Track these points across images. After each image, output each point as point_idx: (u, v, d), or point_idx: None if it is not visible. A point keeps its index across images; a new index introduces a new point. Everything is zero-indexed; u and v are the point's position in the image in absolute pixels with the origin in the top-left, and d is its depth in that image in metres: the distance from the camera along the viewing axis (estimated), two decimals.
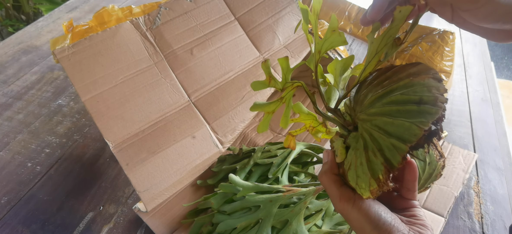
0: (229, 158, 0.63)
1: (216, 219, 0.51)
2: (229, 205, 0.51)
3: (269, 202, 0.47)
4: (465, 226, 0.61)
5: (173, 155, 0.59)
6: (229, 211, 0.50)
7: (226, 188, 0.52)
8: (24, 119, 0.85)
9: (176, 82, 0.64)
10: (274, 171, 0.58)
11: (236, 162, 0.62)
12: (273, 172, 0.57)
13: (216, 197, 0.53)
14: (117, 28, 0.61)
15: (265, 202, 0.47)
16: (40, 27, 1.18)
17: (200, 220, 0.55)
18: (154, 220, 0.59)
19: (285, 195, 0.47)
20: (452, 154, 0.70)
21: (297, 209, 0.47)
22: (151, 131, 0.59)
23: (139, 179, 0.56)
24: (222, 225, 0.50)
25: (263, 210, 0.47)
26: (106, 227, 0.62)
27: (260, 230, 0.47)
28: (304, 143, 0.62)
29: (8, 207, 0.66)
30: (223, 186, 0.52)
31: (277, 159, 0.59)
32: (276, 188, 0.49)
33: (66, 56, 0.57)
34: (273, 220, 0.47)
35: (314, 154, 0.62)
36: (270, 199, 0.47)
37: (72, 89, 0.93)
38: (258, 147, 0.63)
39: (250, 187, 0.50)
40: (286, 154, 0.60)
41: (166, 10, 0.66)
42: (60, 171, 0.72)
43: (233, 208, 0.50)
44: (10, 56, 1.04)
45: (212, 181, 0.61)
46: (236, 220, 0.49)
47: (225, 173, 0.61)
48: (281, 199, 0.47)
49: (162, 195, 0.57)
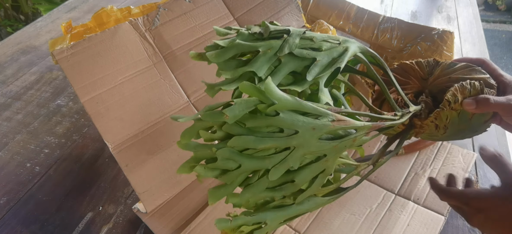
0: (246, 36, 0.41)
1: (230, 128, 0.35)
2: (253, 118, 0.34)
3: (311, 129, 0.35)
4: (464, 226, 0.62)
5: (173, 156, 0.59)
6: (250, 125, 0.34)
7: (252, 90, 0.34)
8: (23, 119, 0.84)
9: (176, 83, 0.64)
10: (316, 72, 0.39)
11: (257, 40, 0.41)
12: (314, 73, 0.39)
13: (235, 107, 0.33)
14: (116, 29, 0.61)
15: (306, 128, 0.35)
16: (39, 27, 1.18)
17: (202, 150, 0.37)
18: (153, 220, 0.59)
19: (333, 126, 0.36)
20: (451, 153, 0.70)
21: (342, 146, 0.37)
22: (150, 132, 0.59)
23: (139, 180, 0.56)
24: (237, 140, 0.34)
25: (299, 138, 0.35)
26: (105, 227, 0.62)
27: (286, 159, 0.35)
28: (362, 46, 0.43)
29: (7, 208, 0.66)
30: (247, 86, 0.34)
31: (323, 55, 0.40)
32: (323, 112, 0.35)
33: (65, 57, 0.56)
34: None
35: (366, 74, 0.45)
36: (313, 126, 0.35)
37: (71, 90, 0.93)
38: (294, 28, 0.41)
39: (290, 103, 0.34)
40: (340, 50, 0.40)
41: (165, 10, 0.66)
42: (59, 171, 0.72)
43: (257, 123, 0.34)
44: (9, 57, 1.04)
45: (215, 57, 0.40)
46: (258, 139, 0.34)
47: (238, 52, 0.40)
48: (327, 129, 0.35)
49: (162, 196, 0.57)
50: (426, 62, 0.50)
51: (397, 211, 0.59)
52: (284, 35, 0.40)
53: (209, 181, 0.63)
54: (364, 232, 0.56)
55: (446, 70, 0.47)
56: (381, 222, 0.58)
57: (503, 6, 3.50)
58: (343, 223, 0.58)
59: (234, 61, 0.40)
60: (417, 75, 0.50)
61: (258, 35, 0.40)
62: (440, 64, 0.48)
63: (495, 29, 3.28)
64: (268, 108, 0.33)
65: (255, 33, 0.40)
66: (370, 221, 0.58)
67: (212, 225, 0.58)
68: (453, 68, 0.47)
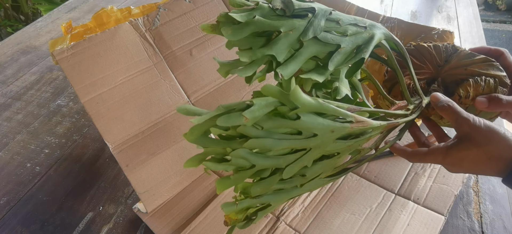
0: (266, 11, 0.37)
1: (246, 131, 0.32)
2: (271, 121, 0.32)
3: (330, 132, 0.34)
4: (464, 225, 0.62)
5: (173, 156, 0.59)
6: (268, 127, 0.33)
7: (277, 95, 0.32)
8: (23, 119, 0.84)
9: (176, 83, 0.64)
10: (339, 62, 0.37)
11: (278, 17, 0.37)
12: (336, 62, 0.36)
13: (255, 110, 0.31)
14: (116, 29, 0.61)
15: (325, 131, 0.34)
16: (39, 28, 1.18)
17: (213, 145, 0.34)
18: (153, 220, 0.59)
19: (352, 128, 0.35)
20: None
21: (356, 144, 0.36)
22: (151, 132, 0.59)
23: (139, 180, 0.56)
24: (254, 142, 0.32)
25: (317, 140, 0.34)
26: (106, 227, 0.62)
27: (302, 159, 0.35)
28: (387, 32, 0.41)
29: (8, 208, 0.66)
30: (271, 90, 0.32)
31: (348, 41, 0.37)
32: (343, 113, 0.34)
33: (65, 58, 0.57)
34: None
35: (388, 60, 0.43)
36: (332, 129, 0.34)
37: (71, 90, 0.93)
38: (319, 5, 0.38)
39: (313, 106, 0.33)
40: (366, 37, 0.38)
41: (165, 11, 0.66)
42: (60, 171, 0.72)
43: (276, 126, 0.33)
44: (9, 57, 1.04)
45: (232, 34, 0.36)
46: (276, 142, 0.33)
47: (256, 30, 0.36)
48: (346, 131, 0.35)
49: (162, 196, 0.57)
50: (444, 47, 0.48)
51: (397, 210, 0.59)
52: (308, 13, 0.37)
53: (209, 180, 0.63)
54: (364, 232, 0.57)
55: (463, 61, 0.46)
56: (381, 221, 0.58)
57: (503, 6, 3.50)
58: (343, 223, 0.58)
59: (251, 39, 0.36)
60: (433, 61, 0.49)
61: (280, 12, 0.36)
62: (457, 52, 0.47)
63: (495, 29, 3.28)
64: (290, 112, 0.32)
65: (277, 10, 0.36)
66: (370, 220, 0.58)
67: (212, 225, 0.58)
68: (471, 60, 0.45)
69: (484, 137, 0.37)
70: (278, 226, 0.57)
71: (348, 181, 0.65)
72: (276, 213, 0.59)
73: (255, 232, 0.56)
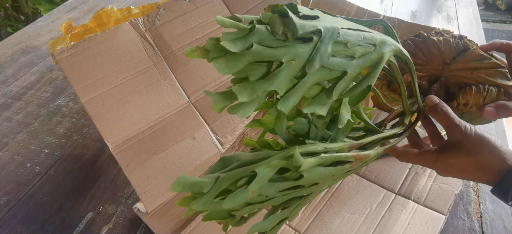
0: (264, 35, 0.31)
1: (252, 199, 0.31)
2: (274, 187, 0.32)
3: (331, 177, 0.34)
4: (464, 225, 0.62)
5: (173, 156, 0.59)
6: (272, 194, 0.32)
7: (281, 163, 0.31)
8: (23, 119, 0.84)
9: (176, 83, 0.64)
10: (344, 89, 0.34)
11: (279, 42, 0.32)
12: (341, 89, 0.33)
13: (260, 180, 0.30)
14: (116, 29, 0.61)
15: (326, 177, 0.33)
16: (39, 28, 1.18)
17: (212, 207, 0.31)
18: (153, 220, 0.59)
19: (351, 167, 0.34)
20: None
21: (353, 171, 0.36)
22: (151, 132, 0.59)
23: (139, 181, 0.56)
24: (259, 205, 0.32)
25: (319, 186, 0.34)
26: (106, 227, 0.62)
27: (300, 205, 0.35)
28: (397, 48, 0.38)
29: (8, 208, 0.66)
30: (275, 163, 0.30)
31: (355, 65, 0.34)
32: (344, 157, 0.34)
33: (65, 58, 0.56)
34: None
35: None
36: (332, 174, 0.33)
37: (71, 90, 0.93)
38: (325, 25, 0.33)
39: (315, 162, 0.32)
40: (374, 58, 0.35)
41: (165, 11, 0.66)
42: (60, 171, 0.72)
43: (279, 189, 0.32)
44: (9, 57, 1.04)
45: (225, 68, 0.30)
46: (279, 198, 0.33)
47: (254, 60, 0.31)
48: (346, 171, 0.34)
49: (162, 196, 0.57)
50: (455, 43, 0.44)
51: (398, 210, 0.59)
52: (313, 37, 0.32)
53: None
54: (364, 232, 0.57)
55: (472, 63, 0.43)
56: (381, 221, 0.58)
57: (503, 6, 3.50)
58: (343, 223, 0.58)
59: (248, 67, 0.32)
60: (439, 58, 0.46)
61: (281, 36, 0.31)
62: (467, 52, 0.44)
63: (495, 29, 3.28)
64: (293, 173, 0.31)
65: (277, 35, 0.31)
66: (370, 220, 0.58)
67: (212, 225, 0.58)
68: (479, 63, 0.43)
69: (474, 146, 0.37)
70: None
71: (348, 181, 0.65)
72: None
73: None
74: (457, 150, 0.38)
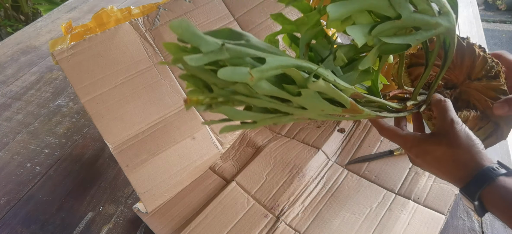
0: None
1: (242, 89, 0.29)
2: (269, 87, 0.29)
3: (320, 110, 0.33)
4: (464, 225, 0.62)
5: (173, 156, 0.59)
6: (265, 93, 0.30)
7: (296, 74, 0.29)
8: (23, 119, 0.84)
9: (176, 83, 0.64)
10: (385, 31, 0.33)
11: None
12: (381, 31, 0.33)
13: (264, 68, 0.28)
14: (116, 29, 0.61)
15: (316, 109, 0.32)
16: (39, 28, 1.18)
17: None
18: (153, 220, 0.59)
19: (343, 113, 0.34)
20: None
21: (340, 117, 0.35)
22: (151, 132, 0.59)
23: (139, 181, 0.56)
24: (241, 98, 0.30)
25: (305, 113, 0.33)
26: (106, 227, 0.62)
27: (280, 119, 0.33)
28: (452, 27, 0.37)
29: (8, 208, 0.66)
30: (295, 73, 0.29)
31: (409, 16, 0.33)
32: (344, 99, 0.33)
33: (65, 58, 0.57)
34: None
35: None
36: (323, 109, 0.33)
37: (71, 90, 0.93)
38: None
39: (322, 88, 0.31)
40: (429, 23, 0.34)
41: (165, 11, 0.66)
42: (60, 171, 0.72)
43: (272, 92, 0.30)
44: (9, 57, 1.04)
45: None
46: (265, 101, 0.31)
47: None
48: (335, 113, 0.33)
49: (162, 196, 0.57)
50: (490, 67, 0.43)
51: (398, 210, 0.59)
52: None
53: (209, 180, 0.63)
54: (364, 232, 0.56)
55: (492, 92, 0.42)
56: (381, 221, 0.58)
57: (503, 6, 3.50)
58: (343, 223, 0.58)
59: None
60: (467, 70, 0.44)
61: None
62: (494, 81, 0.42)
63: (495, 29, 3.28)
64: (294, 88, 0.30)
65: None
66: (370, 220, 0.58)
67: (212, 225, 0.58)
68: (498, 93, 0.42)
69: (457, 140, 0.37)
70: (278, 226, 0.57)
71: (348, 180, 0.65)
72: (276, 213, 0.59)
73: (255, 232, 0.56)
74: (440, 139, 0.38)
